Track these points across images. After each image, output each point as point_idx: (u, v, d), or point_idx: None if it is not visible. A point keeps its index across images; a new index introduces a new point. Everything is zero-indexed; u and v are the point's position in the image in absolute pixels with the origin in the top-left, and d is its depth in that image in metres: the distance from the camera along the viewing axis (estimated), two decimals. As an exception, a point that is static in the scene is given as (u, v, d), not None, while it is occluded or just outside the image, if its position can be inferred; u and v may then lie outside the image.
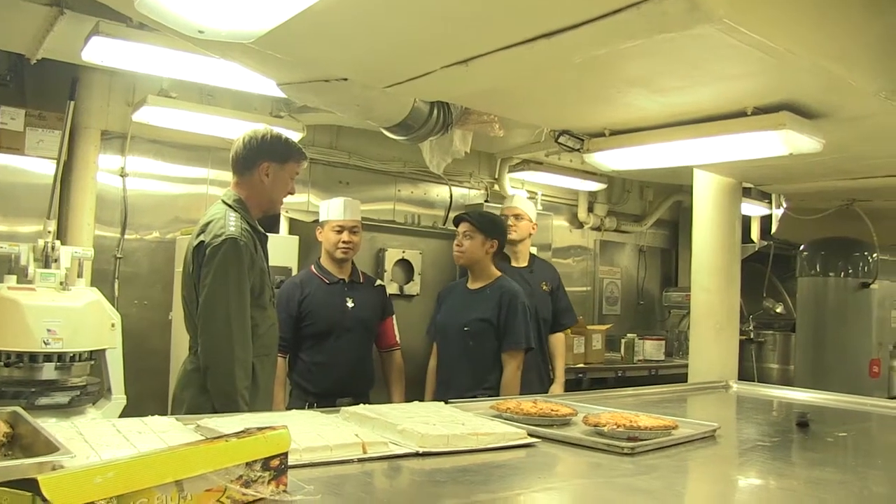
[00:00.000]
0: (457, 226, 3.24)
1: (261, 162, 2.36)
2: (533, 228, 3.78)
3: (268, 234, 2.44)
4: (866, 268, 4.59)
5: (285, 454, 1.11)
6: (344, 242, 3.14)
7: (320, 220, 3.25)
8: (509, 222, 3.62)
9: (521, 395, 2.75)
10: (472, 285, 3.21)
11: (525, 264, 3.69)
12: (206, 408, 2.09)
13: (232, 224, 2.21)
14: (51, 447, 1.06)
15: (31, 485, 0.74)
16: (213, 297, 2.15)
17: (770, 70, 1.92)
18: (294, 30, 1.73)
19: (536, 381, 3.36)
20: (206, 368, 2.15)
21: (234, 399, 2.11)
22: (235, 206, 2.31)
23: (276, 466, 1.10)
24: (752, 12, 1.62)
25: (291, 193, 2.47)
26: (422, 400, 3.05)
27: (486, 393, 2.90)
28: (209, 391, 2.14)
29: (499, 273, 3.22)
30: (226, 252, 2.15)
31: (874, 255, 4.60)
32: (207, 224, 2.24)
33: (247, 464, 1.05)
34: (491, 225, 3.22)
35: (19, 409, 1.28)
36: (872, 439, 2.31)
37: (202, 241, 2.19)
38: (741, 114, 2.29)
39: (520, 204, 3.83)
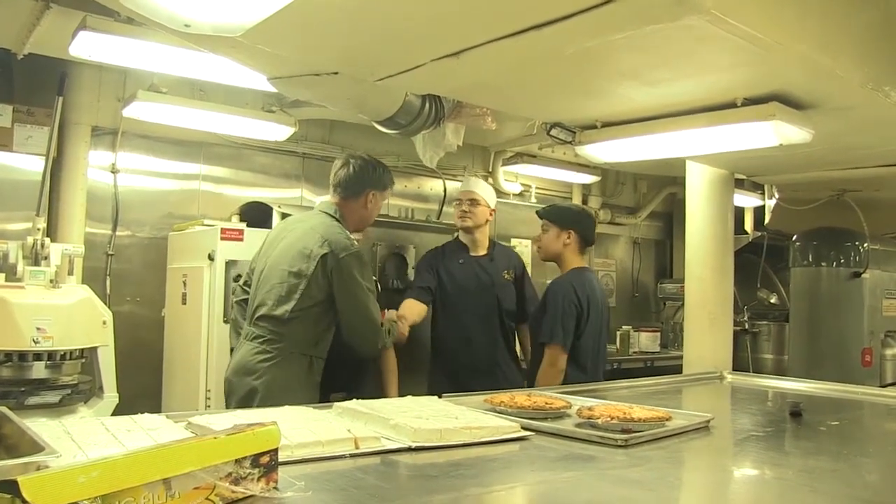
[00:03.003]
0: None
1: (368, 190, 2.77)
2: (490, 215, 3.47)
3: (260, 228, 2.49)
4: (857, 257, 4.61)
5: (275, 451, 1.11)
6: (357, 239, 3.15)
7: None
8: (463, 207, 3.40)
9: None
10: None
11: (483, 253, 3.46)
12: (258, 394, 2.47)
13: (351, 239, 2.65)
14: (36, 447, 1.05)
15: (10, 486, 0.73)
16: (363, 297, 2.60)
17: (758, 61, 1.91)
18: (282, 23, 1.72)
19: (504, 374, 3.27)
20: (359, 349, 2.68)
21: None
22: (341, 222, 2.70)
23: (266, 463, 1.09)
24: (740, 3, 1.62)
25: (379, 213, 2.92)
26: (417, 393, 3.03)
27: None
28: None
29: (577, 266, 3.09)
30: (360, 261, 2.62)
31: (865, 244, 4.62)
32: (329, 235, 2.59)
33: (236, 461, 1.04)
34: (565, 215, 3.13)
35: (4, 409, 1.27)
36: (864, 428, 2.32)
37: (332, 251, 2.54)
38: (731, 105, 2.29)
39: (476, 188, 3.48)
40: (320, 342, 2.63)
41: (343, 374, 3.09)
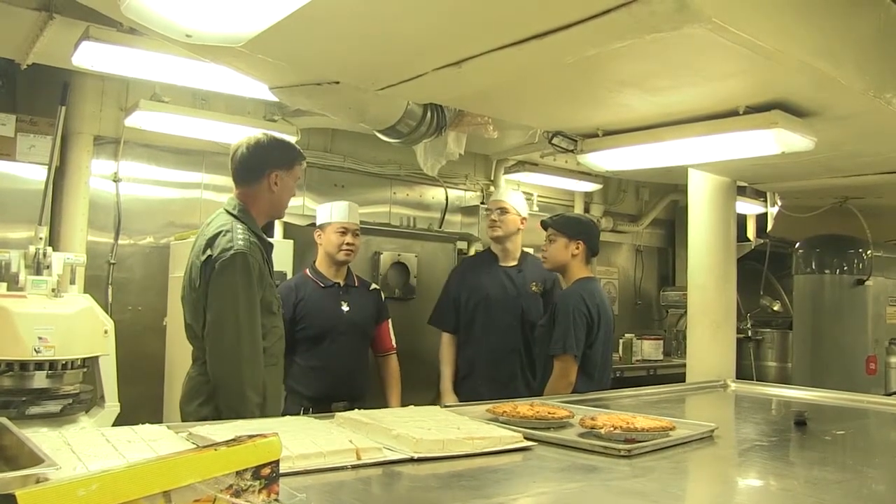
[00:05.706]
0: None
1: (269, 171, 2.33)
2: (521, 223, 3.44)
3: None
4: (861, 264, 4.60)
5: (276, 462, 1.10)
6: (347, 244, 3.13)
7: (320, 222, 3.22)
8: (493, 217, 3.40)
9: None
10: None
11: (513, 263, 3.44)
12: (210, 419, 2.04)
13: (240, 237, 2.19)
14: (35, 459, 1.04)
15: (8, 500, 0.72)
16: (223, 314, 2.13)
17: (760, 69, 1.92)
18: (284, 33, 1.72)
19: (523, 386, 3.25)
20: (216, 387, 2.13)
21: (245, 417, 2.04)
22: (241, 217, 2.28)
23: (268, 475, 1.08)
24: (740, 11, 1.62)
25: (293, 195, 2.46)
26: (419, 404, 3.03)
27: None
28: (221, 409, 2.10)
29: (584, 276, 3.07)
30: (235, 267, 2.14)
31: (868, 251, 4.61)
32: (214, 237, 2.20)
33: (237, 473, 1.03)
34: (572, 226, 3.10)
35: (4, 420, 1.26)
36: (870, 437, 2.31)
37: (210, 256, 2.16)
38: (733, 113, 2.29)
39: (505, 197, 3.47)
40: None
41: (345, 383, 3.09)
